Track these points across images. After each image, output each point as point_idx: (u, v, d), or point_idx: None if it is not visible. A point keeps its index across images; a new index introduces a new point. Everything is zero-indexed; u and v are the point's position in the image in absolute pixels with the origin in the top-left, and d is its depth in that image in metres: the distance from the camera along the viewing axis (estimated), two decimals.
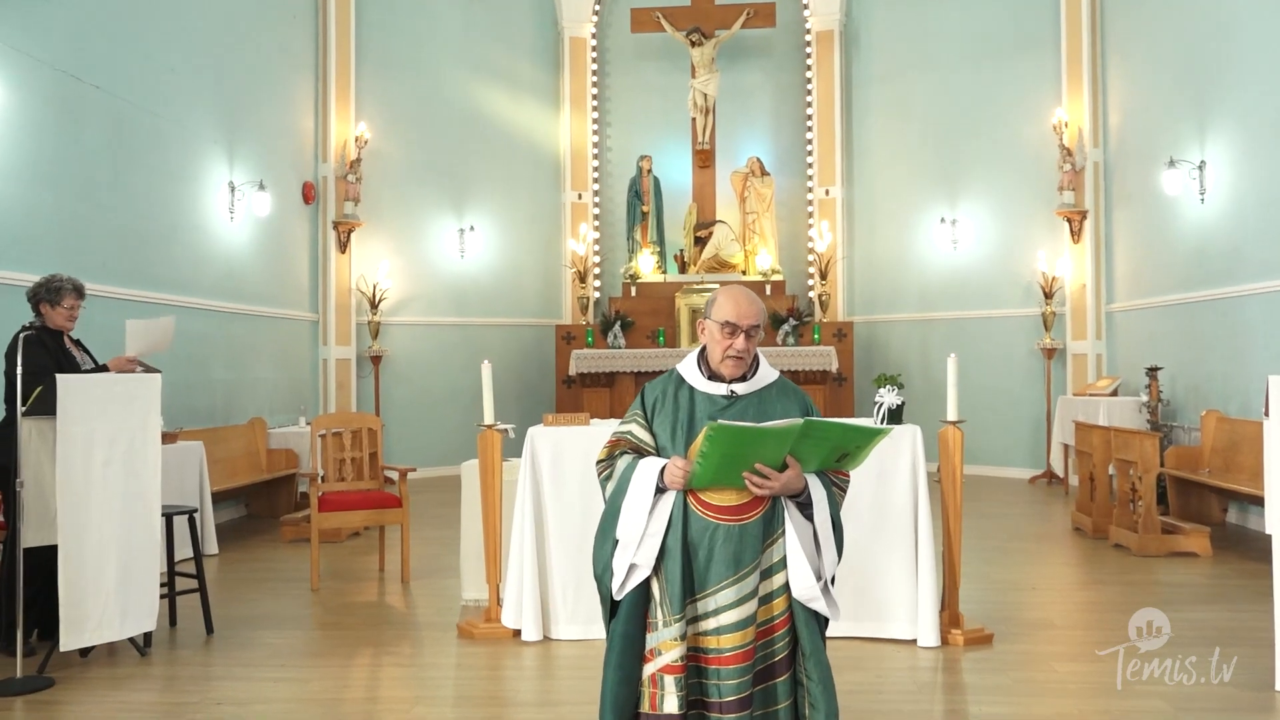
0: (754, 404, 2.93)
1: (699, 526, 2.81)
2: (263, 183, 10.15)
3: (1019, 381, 11.88)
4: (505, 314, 13.02)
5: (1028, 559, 7.38)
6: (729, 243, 12.70)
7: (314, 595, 6.40)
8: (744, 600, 2.79)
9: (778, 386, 3.01)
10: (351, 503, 6.70)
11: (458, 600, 6.11)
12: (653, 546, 2.82)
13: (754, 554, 2.81)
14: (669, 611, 2.81)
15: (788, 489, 2.80)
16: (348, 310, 11.91)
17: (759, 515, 2.82)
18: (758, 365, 3.01)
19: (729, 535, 2.79)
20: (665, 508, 2.83)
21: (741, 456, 2.73)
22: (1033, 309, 11.74)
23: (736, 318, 2.91)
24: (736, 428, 2.69)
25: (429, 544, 7.89)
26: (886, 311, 12.97)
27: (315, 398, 11.61)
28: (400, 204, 12.41)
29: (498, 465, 5.41)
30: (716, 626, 2.80)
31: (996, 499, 10.18)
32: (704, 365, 3.00)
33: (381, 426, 7.36)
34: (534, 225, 13.32)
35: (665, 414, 2.95)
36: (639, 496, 2.85)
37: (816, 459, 2.82)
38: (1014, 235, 12.00)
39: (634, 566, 2.83)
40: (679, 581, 2.79)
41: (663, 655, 2.80)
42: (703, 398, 2.95)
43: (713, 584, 2.80)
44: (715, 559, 2.80)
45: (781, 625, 2.84)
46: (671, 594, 2.80)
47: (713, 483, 2.80)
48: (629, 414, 3.05)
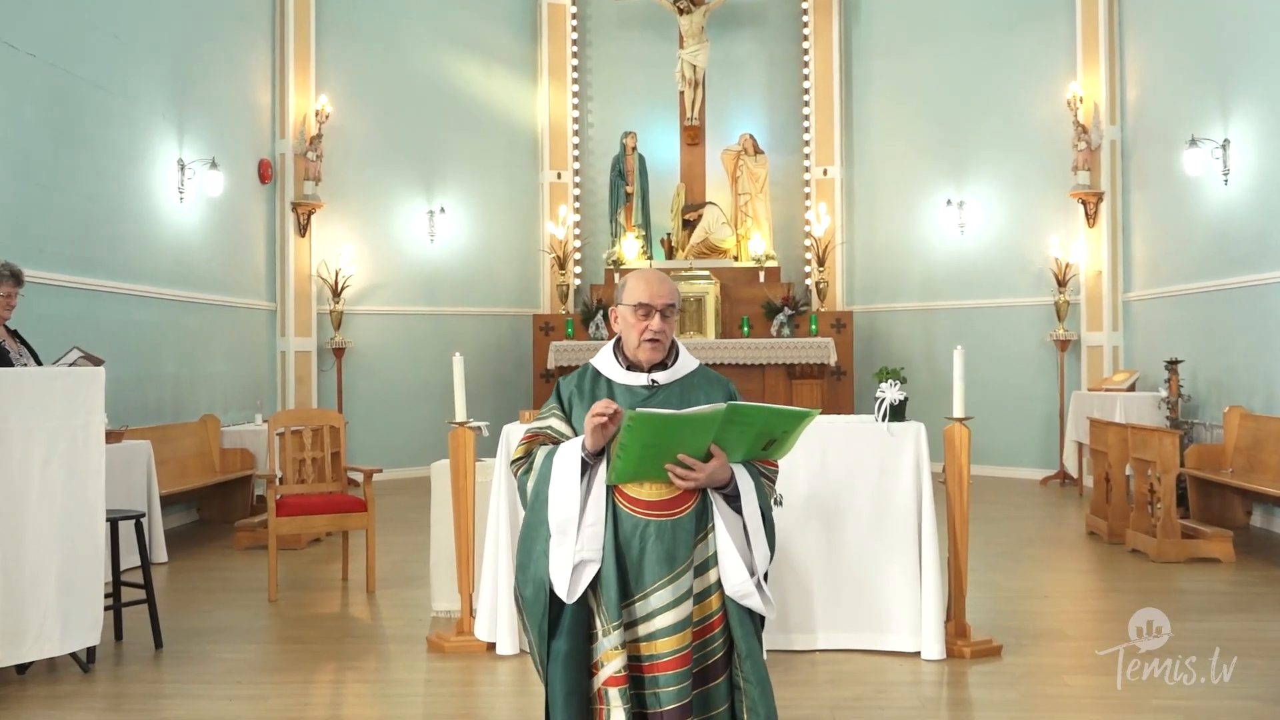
0: (676, 393, 2.97)
1: (629, 525, 2.83)
2: (215, 160, 10.10)
3: (1030, 376, 11.94)
4: (478, 303, 13.00)
5: (1039, 565, 7.42)
6: (719, 226, 12.71)
7: (272, 606, 6.38)
8: (680, 600, 2.82)
9: (700, 375, 3.06)
10: (312, 506, 6.68)
11: (427, 611, 6.10)
12: (595, 535, 2.82)
13: (687, 550, 2.84)
14: (606, 619, 2.82)
15: (713, 480, 2.84)
16: (308, 299, 11.86)
17: (690, 509, 2.85)
18: (677, 353, 3.06)
19: (661, 532, 2.82)
20: (599, 491, 2.84)
21: (663, 447, 2.76)
22: (1045, 298, 11.79)
23: (650, 298, 2.96)
24: (657, 415, 2.72)
25: (396, 551, 7.87)
26: (889, 300, 13.00)
27: (273, 393, 11.57)
28: (365, 184, 12.37)
29: (470, 466, 5.40)
30: (651, 631, 2.82)
31: (1006, 501, 10.23)
32: (620, 356, 3.04)
33: (345, 424, 7.34)
34: (510, 207, 13.29)
35: (583, 409, 2.97)
36: (566, 477, 2.85)
37: (742, 447, 2.86)
38: (1025, 219, 12.04)
39: (581, 563, 2.82)
40: (614, 586, 2.81)
41: (605, 667, 2.81)
42: (622, 389, 2.98)
43: (647, 585, 2.82)
44: (648, 558, 2.82)
45: (717, 624, 2.87)
46: (607, 600, 2.82)
47: (634, 476, 2.82)
48: (545, 409, 3.07)
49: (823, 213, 12.87)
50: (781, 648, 5.19)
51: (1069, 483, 11.22)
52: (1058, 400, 11.62)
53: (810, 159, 13.19)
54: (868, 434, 5.29)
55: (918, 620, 5.14)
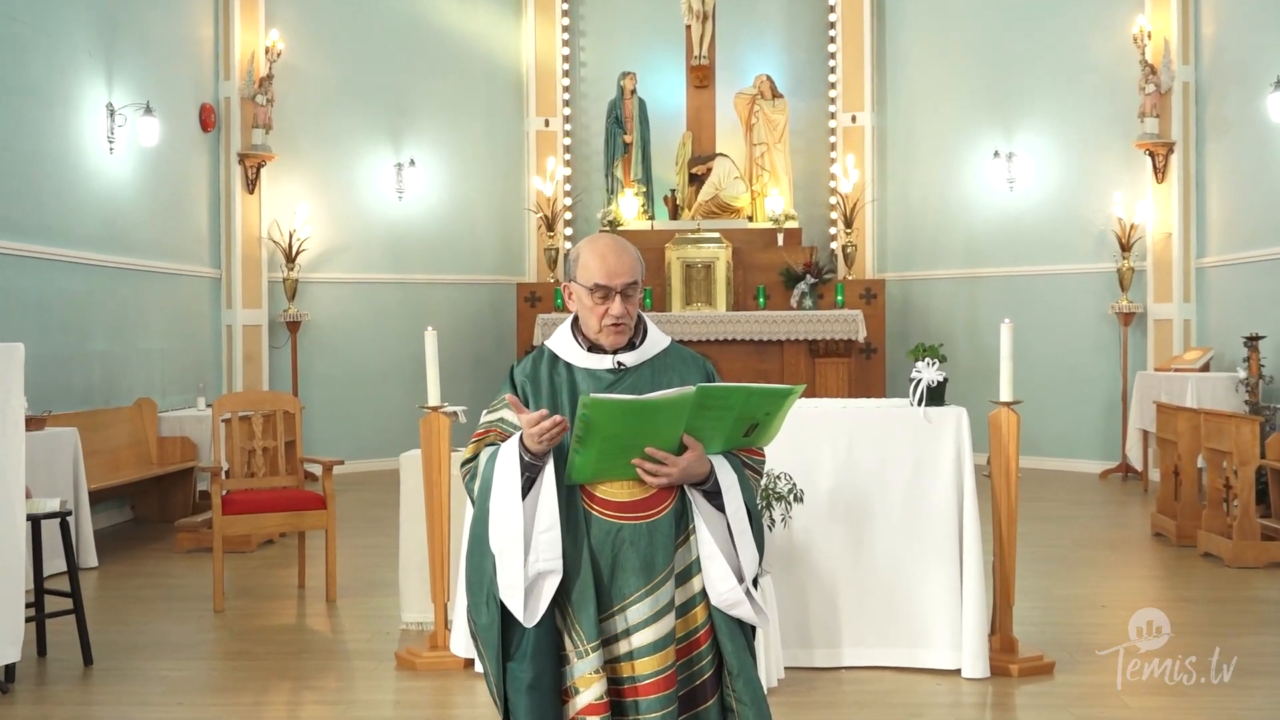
0: (647, 377, 2.95)
1: (601, 531, 2.82)
2: (150, 105, 10.06)
3: (1088, 353, 11.94)
4: (454, 269, 12.99)
5: (1097, 571, 7.44)
6: (731, 181, 12.68)
7: (217, 618, 6.39)
8: (660, 614, 2.82)
9: (673, 354, 3.03)
10: (263, 504, 6.68)
11: (396, 623, 6.11)
12: (551, 541, 2.79)
13: (667, 557, 2.84)
14: (582, 639, 2.80)
15: (689, 476, 2.83)
16: (257, 265, 11.85)
17: (669, 509, 2.85)
18: (645, 330, 3.03)
19: (636, 537, 2.81)
20: (549, 491, 2.81)
21: (627, 439, 2.75)
22: (1106, 264, 11.78)
23: (606, 277, 2.91)
24: (615, 401, 2.70)
25: (360, 554, 7.89)
26: (926, 267, 12.99)
27: (218, 373, 11.57)
28: (323, 132, 12.33)
29: (445, 457, 5.41)
30: (630, 650, 2.82)
31: (1059, 498, 10.25)
32: (580, 336, 3.01)
33: (300, 409, 7.34)
34: (490, 160, 13.25)
35: (541, 398, 2.94)
36: (506, 481, 2.82)
37: (720, 436, 2.85)
38: (1084, 173, 12.01)
39: (540, 575, 2.79)
40: (591, 600, 2.80)
41: (581, 694, 2.80)
42: (584, 375, 2.95)
43: (623, 598, 2.82)
44: (623, 567, 2.82)
45: (704, 639, 2.87)
46: (581, 618, 2.80)
47: (597, 474, 2.81)
48: (497, 400, 3.03)
49: (851, 166, 12.84)
50: (802, 664, 5.21)
51: (1132, 476, 11.24)
52: (1120, 382, 11.62)
53: (836, 104, 13.15)
54: (901, 420, 5.29)
55: (958, 633, 5.15)
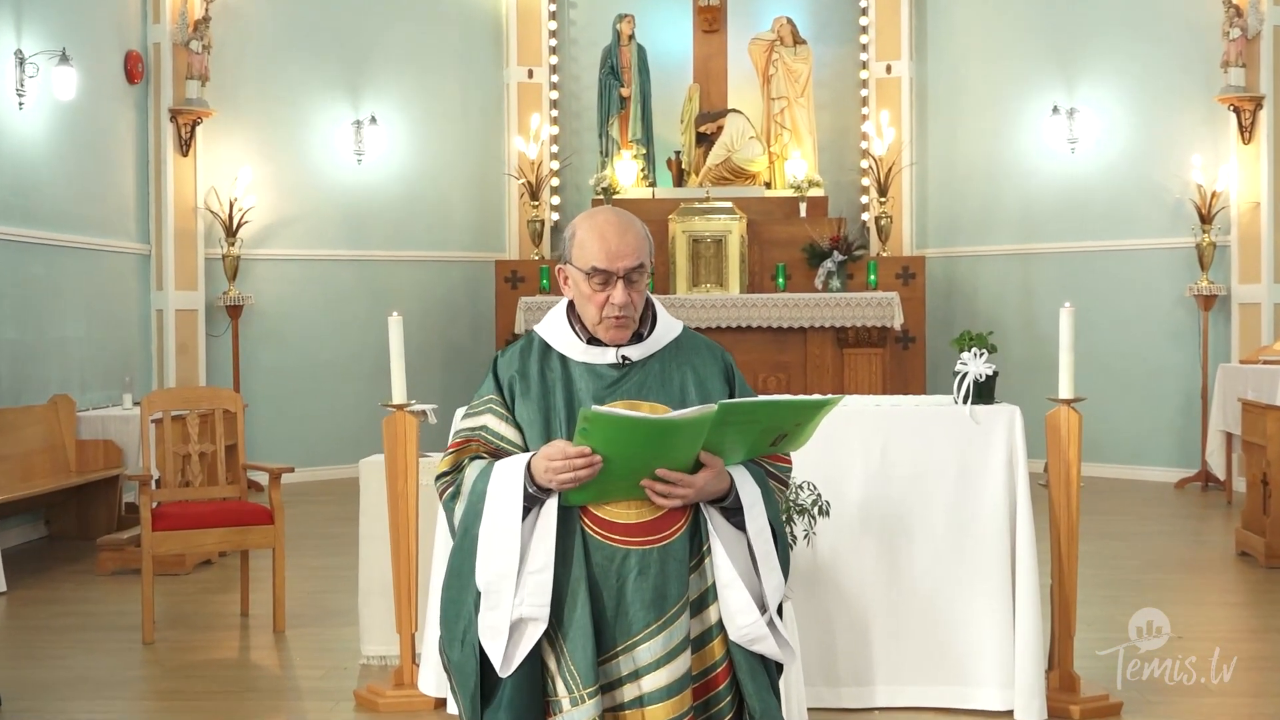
0: (656, 372, 2.95)
1: (603, 557, 2.82)
2: (66, 53, 10.04)
3: (1162, 343, 11.93)
4: (422, 245, 12.97)
5: (1172, 596, 7.44)
6: (746, 142, 12.67)
7: (147, 650, 6.39)
8: (675, 653, 2.82)
9: (686, 343, 3.03)
10: (200, 518, 6.67)
11: (355, 658, 6.11)
12: (540, 585, 2.79)
13: (682, 585, 2.84)
14: (576, 684, 2.80)
15: (705, 494, 2.84)
16: (192, 239, 11.83)
17: (682, 531, 2.85)
18: (654, 317, 3.02)
19: (645, 564, 2.82)
20: (547, 527, 2.81)
21: (636, 457, 2.74)
22: (1183, 239, 11.77)
23: (606, 259, 2.90)
24: (623, 419, 2.69)
25: (314, 577, 7.89)
26: (973, 242, 12.98)
27: (146, 366, 11.56)
28: (268, 85, 12.31)
29: (412, 463, 5.41)
30: (640, 695, 2.82)
31: (1128, 511, 10.25)
32: (578, 324, 3.01)
33: (243, 408, 7.34)
34: (464, 117, 13.23)
35: (531, 398, 2.94)
36: (502, 514, 2.81)
37: (743, 446, 2.86)
38: (1156, 132, 12.00)
39: (522, 621, 2.80)
40: (588, 638, 2.79)
41: None
42: (582, 370, 2.95)
43: (630, 636, 2.82)
44: (630, 600, 2.82)
45: (722, 677, 2.88)
46: (577, 659, 2.80)
47: (600, 497, 2.81)
48: (477, 401, 3.03)
49: (885, 124, 12.82)
50: (828, 705, 5.22)
51: (1213, 486, 11.24)
52: (1199, 376, 11.61)
53: (869, 51, 13.13)
54: (944, 421, 5.30)
55: (1010, 669, 5.16)
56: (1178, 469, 11.76)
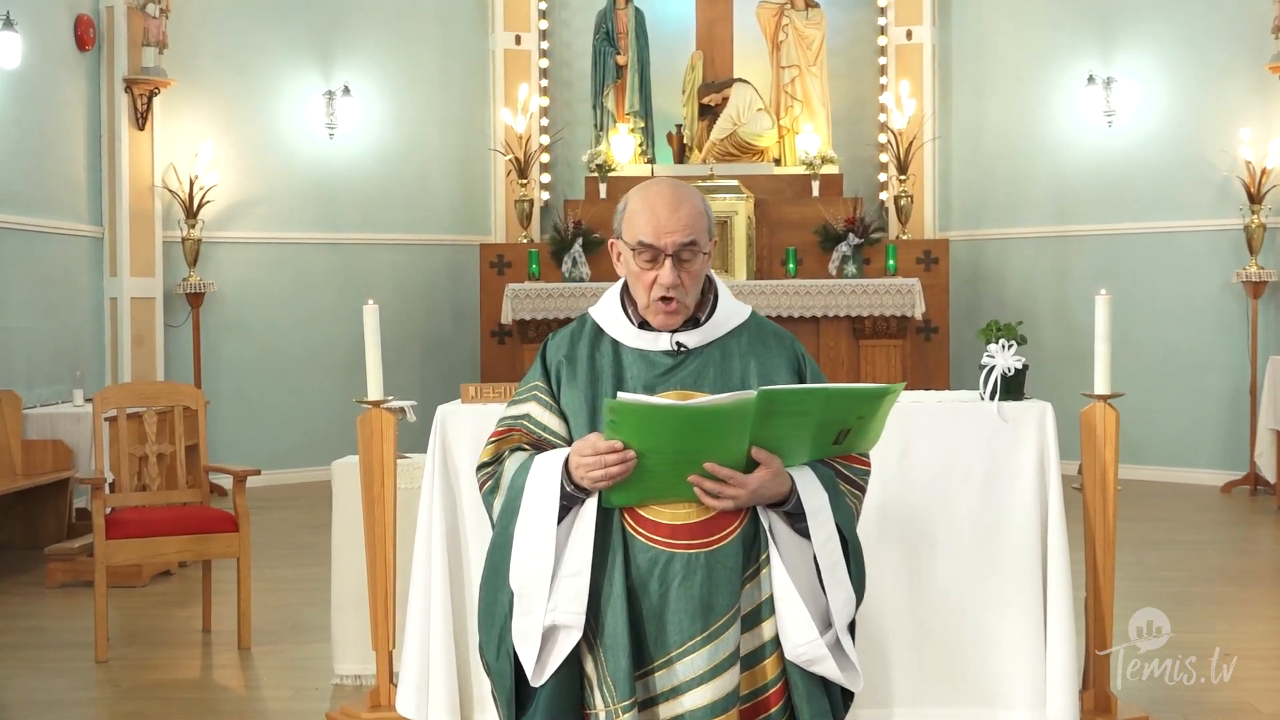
0: (715, 361, 2.96)
1: (645, 560, 2.84)
2: (10, 17, 10.04)
3: (1208, 333, 11.94)
4: (400, 227, 12.97)
5: (1218, 610, 7.45)
6: (754, 114, 12.67)
7: (101, 669, 6.38)
8: (721, 668, 2.82)
9: (752, 330, 3.04)
10: (158, 525, 6.66)
11: (328, 677, 6.11)
12: (577, 590, 2.82)
13: (731, 595, 2.84)
14: (611, 696, 2.83)
15: (761, 498, 2.84)
16: (149, 221, 11.82)
17: (735, 535, 2.85)
18: (716, 299, 3.04)
19: (691, 570, 2.82)
20: (585, 529, 2.83)
21: (676, 451, 2.74)
22: (1231, 220, 11.77)
23: (654, 233, 2.91)
24: (648, 408, 2.70)
25: (282, 589, 7.90)
26: (1002, 224, 12.98)
27: (99, 359, 11.55)
28: (231, 52, 12.30)
29: (390, 465, 5.41)
30: (680, 714, 2.83)
31: (1171, 517, 10.26)
32: (631, 306, 3.03)
33: (205, 404, 7.35)
34: (445, 87, 13.23)
35: (578, 385, 2.96)
36: (538, 514, 2.84)
37: (803, 445, 2.85)
38: (1202, 103, 12.00)
39: (555, 628, 2.83)
40: (625, 649, 2.81)
41: None
42: (634, 357, 2.97)
43: (671, 648, 2.83)
44: (673, 608, 2.83)
45: (774, 700, 2.89)
46: (614, 669, 2.82)
47: (642, 497, 2.82)
48: (524, 387, 3.06)
49: (905, 95, 12.82)
50: None
51: (1263, 490, 11.25)
52: (1248, 370, 11.62)
53: (888, 16, 13.13)
54: (969, 418, 5.30)
55: (1041, 689, 5.16)
56: (1224, 471, 11.77)
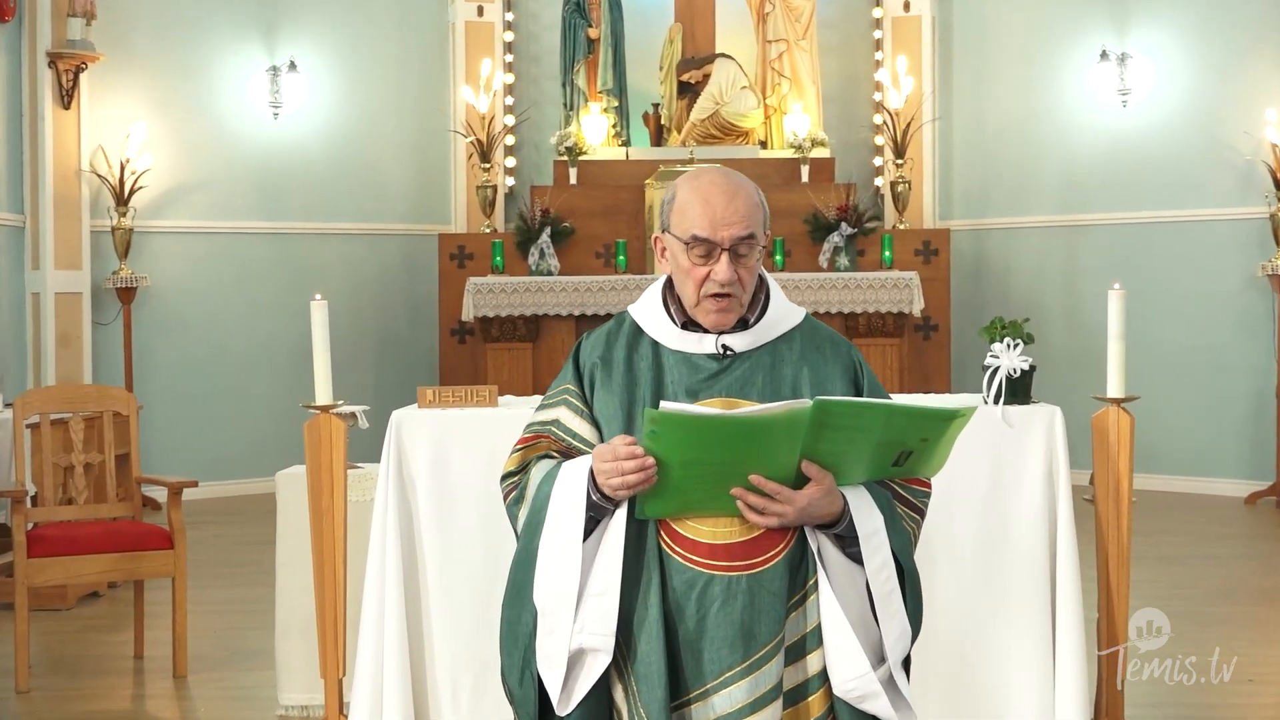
0: (765, 367, 2.96)
1: (682, 582, 2.84)
2: None
3: (1229, 331, 11.98)
4: (351, 215, 12.96)
5: (1244, 632, 7.48)
6: (738, 93, 12.68)
7: (22, 700, 6.38)
8: (762, 703, 2.83)
9: (805, 334, 3.03)
10: (86, 542, 6.64)
11: (272, 707, 6.10)
12: (604, 610, 2.83)
13: (775, 623, 2.84)
14: None
15: (810, 517, 2.83)
16: (75, 208, 11.78)
17: (781, 558, 2.86)
18: (767, 299, 3.04)
19: (731, 594, 2.83)
20: (614, 543, 2.84)
21: (720, 462, 2.75)
22: (1256, 208, 11.82)
23: (710, 226, 2.91)
24: (692, 418, 2.70)
25: (222, 612, 7.89)
26: (1006, 213, 13.02)
27: (21, 360, 11.52)
28: (167, 24, 12.27)
29: (340, 476, 5.41)
30: None
31: (1190, 530, 10.30)
32: (674, 305, 3.03)
33: (137, 409, 7.32)
34: (401, 63, 13.23)
35: (613, 389, 2.97)
36: (562, 526, 2.85)
37: (859, 463, 2.84)
38: (1223, 81, 12.05)
39: (582, 651, 2.84)
40: (660, 676, 2.82)
41: None
42: (676, 360, 2.97)
43: (709, 678, 2.84)
44: (710, 635, 2.83)
45: None
46: (647, 699, 2.83)
47: (680, 510, 2.82)
48: (554, 389, 3.08)
49: (903, 72, 12.84)
50: None
51: None
52: (1273, 372, 11.67)
53: None
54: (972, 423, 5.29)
55: (1049, 712, 5.18)
56: (1248, 481, 11.81)
